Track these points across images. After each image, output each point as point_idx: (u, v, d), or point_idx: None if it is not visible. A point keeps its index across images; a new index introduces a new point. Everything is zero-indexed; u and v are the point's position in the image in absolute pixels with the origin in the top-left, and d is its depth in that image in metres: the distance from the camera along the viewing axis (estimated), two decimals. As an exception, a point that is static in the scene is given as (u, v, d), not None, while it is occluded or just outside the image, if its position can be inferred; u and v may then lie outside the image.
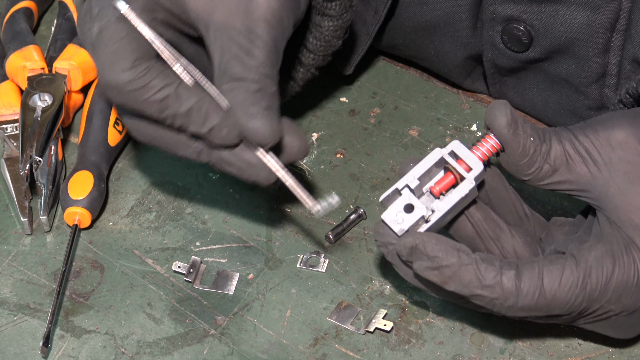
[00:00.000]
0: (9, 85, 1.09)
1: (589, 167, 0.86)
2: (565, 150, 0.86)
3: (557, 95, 1.05)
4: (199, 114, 0.86)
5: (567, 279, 0.84)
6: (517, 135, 0.86)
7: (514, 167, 0.87)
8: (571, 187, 0.87)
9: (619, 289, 0.84)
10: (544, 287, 0.84)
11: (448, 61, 1.09)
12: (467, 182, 0.87)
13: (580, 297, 0.84)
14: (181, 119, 0.87)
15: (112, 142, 1.05)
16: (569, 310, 0.85)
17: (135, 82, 0.85)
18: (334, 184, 1.04)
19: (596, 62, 0.99)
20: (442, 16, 1.05)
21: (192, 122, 0.87)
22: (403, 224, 0.87)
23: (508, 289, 0.84)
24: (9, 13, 1.13)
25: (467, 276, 0.84)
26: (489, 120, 0.87)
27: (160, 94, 0.85)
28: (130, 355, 0.93)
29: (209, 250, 1.00)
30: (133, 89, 0.85)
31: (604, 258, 0.84)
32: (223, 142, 0.87)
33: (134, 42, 0.86)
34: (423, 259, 0.84)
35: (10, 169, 1.03)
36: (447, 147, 0.88)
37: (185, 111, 0.86)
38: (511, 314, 0.85)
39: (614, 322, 0.87)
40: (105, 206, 1.03)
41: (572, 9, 0.98)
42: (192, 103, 0.86)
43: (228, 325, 0.95)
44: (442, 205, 0.87)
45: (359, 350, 0.93)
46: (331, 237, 1.00)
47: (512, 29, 1.01)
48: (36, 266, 0.99)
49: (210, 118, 0.86)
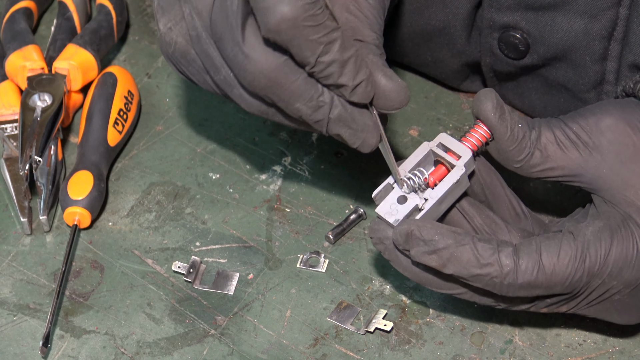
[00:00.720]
0: (9, 85, 1.09)
1: (580, 151, 0.87)
2: (555, 136, 0.87)
3: (555, 100, 1.05)
4: (354, 65, 0.82)
5: (565, 253, 0.84)
6: (504, 119, 0.87)
7: (504, 154, 0.88)
8: (563, 172, 0.87)
9: (619, 262, 0.84)
10: (542, 261, 0.84)
11: (445, 67, 1.09)
12: (457, 169, 0.88)
13: (580, 270, 0.84)
14: (336, 67, 0.82)
15: (112, 142, 1.05)
16: (570, 286, 0.84)
17: (314, 19, 0.79)
18: (334, 184, 1.04)
19: (594, 69, 1.00)
20: (438, 25, 1.05)
21: (345, 73, 0.82)
22: (397, 214, 0.87)
23: (506, 265, 0.84)
24: (9, 13, 1.13)
25: (465, 256, 0.84)
26: (476, 107, 0.88)
27: (330, 36, 0.80)
28: (130, 355, 0.93)
29: (208, 250, 1.00)
30: (310, 24, 0.79)
31: (602, 232, 0.85)
32: (361, 99, 0.84)
33: None
34: (420, 244, 0.85)
35: (10, 169, 1.03)
36: (434, 140, 0.89)
37: (346, 59, 0.82)
38: (512, 293, 0.85)
39: (617, 304, 0.87)
40: (105, 206, 1.03)
41: (569, 17, 0.98)
42: (352, 52, 0.82)
43: (228, 325, 0.95)
44: (434, 193, 0.87)
45: (359, 350, 0.93)
46: (331, 237, 1.00)
47: (508, 36, 1.01)
48: (36, 266, 0.99)
49: (361, 72, 0.82)
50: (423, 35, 1.07)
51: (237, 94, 0.86)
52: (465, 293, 0.88)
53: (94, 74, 1.09)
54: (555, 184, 1.03)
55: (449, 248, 0.84)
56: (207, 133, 1.09)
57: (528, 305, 0.88)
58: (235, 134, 1.08)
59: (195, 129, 1.09)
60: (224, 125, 1.09)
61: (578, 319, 0.95)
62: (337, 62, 0.81)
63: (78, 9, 1.15)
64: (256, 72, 0.82)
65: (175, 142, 1.08)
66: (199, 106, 1.11)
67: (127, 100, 1.07)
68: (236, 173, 1.06)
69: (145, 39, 1.18)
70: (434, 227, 0.85)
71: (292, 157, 1.06)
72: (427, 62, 1.10)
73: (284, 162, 1.06)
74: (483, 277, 0.84)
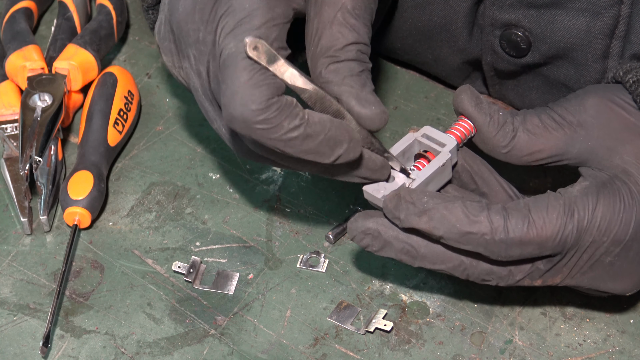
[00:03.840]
0: (9, 85, 1.09)
1: (565, 130, 0.89)
2: (541, 120, 0.89)
3: (556, 99, 1.05)
4: (326, 147, 0.83)
5: (553, 208, 0.85)
6: (481, 107, 0.90)
7: (490, 143, 0.90)
8: (551, 153, 0.89)
9: (607, 216, 0.85)
10: (531, 216, 0.85)
11: (446, 65, 1.09)
12: (443, 154, 0.90)
13: (570, 224, 0.85)
14: (308, 155, 0.83)
15: (112, 142, 1.05)
16: (561, 242, 0.85)
17: (267, 122, 0.81)
18: (334, 184, 1.04)
19: (595, 67, 1.00)
20: (439, 22, 1.05)
21: (320, 155, 0.83)
22: (385, 191, 0.88)
23: (496, 221, 0.84)
24: (9, 13, 1.13)
25: (455, 213, 0.85)
26: (455, 102, 0.91)
27: (290, 134, 0.81)
28: (130, 355, 0.93)
29: (209, 250, 1.00)
30: (263, 127, 0.81)
31: (588, 189, 0.86)
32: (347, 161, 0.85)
33: (268, 77, 0.81)
34: (409, 207, 0.86)
35: (10, 169, 1.03)
36: (419, 131, 0.92)
37: (314, 147, 0.83)
38: (504, 253, 0.85)
39: (609, 268, 0.87)
40: (105, 206, 1.03)
41: (571, 15, 0.98)
42: (322, 137, 0.83)
43: (228, 325, 0.95)
44: (421, 174, 0.89)
45: (359, 350, 0.93)
46: (331, 237, 1.00)
47: (510, 34, 1.01)
48: (36, 266, 0.99)
49: (338, 147, 0.83)
50: (424, 32, 1.07)
51: (230, 146, 0.89)
52: (460, 265, 0.87)
53: (94, 74, 1.09)
54: (555, 184, 1.03)
55: (438, 207, 0.85)
56: (207, 133, 1.09)
57: (522, 274, 0.88)
58: (235, 134, 1.08)
59: (195, 129, 1.09)
60: (224, 125, 1.09)
61: (578, 319, 0.95)
62: (304, 152, 0.82)
63: (78, 9, 1.15)
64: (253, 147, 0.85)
65: (175, 142, 1.08)
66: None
67: (127, 100, 1.08)
68: (236, 173, 1.06)
69: (145, 39, 1.18)
70: (422, 191, 0.87)
71: (292, 157, 1.06)
72: (427, 60, 1.10)
73: (284, 162, 1.06)
74: (473, 236, 0.84)
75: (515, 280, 0.88)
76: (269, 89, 0.81)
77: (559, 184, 1.03)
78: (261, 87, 0.80)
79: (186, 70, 0.88)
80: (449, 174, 0.91)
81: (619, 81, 0.91)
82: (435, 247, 0.87)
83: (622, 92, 0.89)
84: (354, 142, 0.84)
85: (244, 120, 0.81)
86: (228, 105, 0.81)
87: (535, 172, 1.04)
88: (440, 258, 0.87)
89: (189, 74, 0.88)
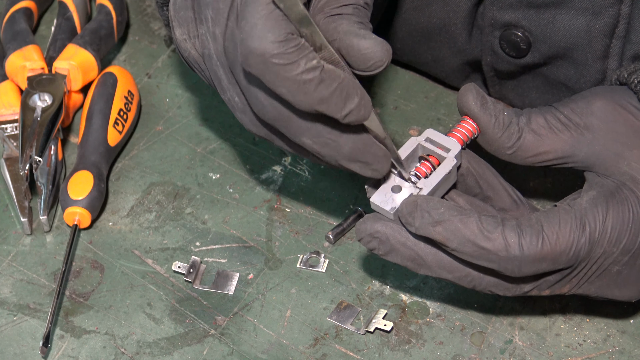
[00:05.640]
0: (9, 85, 1.09)
1: (572, 132, 0.88)
2: (546, 120, 0.88)
3: (556, 99, 1.05)
4: (340, 98, 0.80)
5: (565, 222, 0.84)
6: (486, 108, 0.88)
7: (495, 144, 0.88)
8: (557, 155, 0.88)
9: (617, 226, 0.84)
10: (544, 232, 0.83)
11: (446, 66, 1.09)
12: (448, 160, 0.88)
13: (582, 238, 0.84)
14: (321, 106, 0.80)
15: (112, 142, 1.05)
16: (574, 256, 0.84)
17: (284, 57, 0.78)
18: (334, 184, 1.04)
19: (595, 67, 1.00)
20: (438, 23, 1.05)
21: (331, 106, 0.81)
22: (394, 202, 0.87)
23: (511, 237, 0.83)
24: (9, 13, 1.13)
25: (470, 227, 0.83)
26: (459, 102, 0.89)
27: (305, 76, 0.79)
28: (130, 355, 0.93)
29: (209, 250, 1.00)
30: (280, 63, 0.78)
31: (597, 199, 0.85)
32: (354, 123, 0.82)
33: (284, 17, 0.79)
34: (425, 215, 0.84)
35: (10, 169, 1.03)
36: (421, 135, 0.90)
37: (328, 95, 0.80)
38: (518, 270, 0.84)
39: (617, 277, 0.87)
40: (105, 206, 1.03)
41: (571, 15, 0.98)
42: (335, 86, 0.80)
43: (228, 325, 0.95)
44: (428, 182, 0.88)
45: (359, 350, 0.93)
46: (331, 237, 1.00)
47: (510, 35, 1.01)
48: (36, 266, 0.99)
49: (349, 101, 0.81)
50: (424, 33, 1.07)
51: (240, 117, 0.86)
52: (467, 276, 0.86)
53: (94, 74, 1.09)
54: (555, 185, 1.03)
55: (454, 220, 0.83)
56: (207, 133, 1.09)
57: (531, 286, 0.87)
58: (235, 134, 1.08)
59: (195, 129, 1.09)
60: (224, 125, 1.09)
61: (578, 319, 0.95)
62: (317, 99, 0.80)
63: (78, 9, 1.15)
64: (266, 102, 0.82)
65: (175, 142, 1.08)
66: (199, 106, 1.11)
67: (127, 100, 1.07)
68: (236, 173, 1.06)
69: (145, 39, 1.18)
70: (439, 201, 0.85)
71: (292, 157, 1.06)
72: (427, 61, 1.10)
73: (284, 162, 1.06)
74: (488, 252, 0.83)
75: (523, 292, 0.87)
76: (289, 25, 0.78)
77: (559, 184, 1.03)
78: (281, 21, 0.78)
79: (202, 38, 0.86)
80: (454, 178, 0.90)
81: (623, 82, 0.90)
82: (442, 257, 0.86)
83: (629, 95, 0.88)
84: (366, 100, 0.81)
85: (262, 53, 0.78)
86: (246, 38, 0.78)
87: (535, 172, 1.04)
88: (447, 268, 0.87)
89: (204, 41, 0.86)
